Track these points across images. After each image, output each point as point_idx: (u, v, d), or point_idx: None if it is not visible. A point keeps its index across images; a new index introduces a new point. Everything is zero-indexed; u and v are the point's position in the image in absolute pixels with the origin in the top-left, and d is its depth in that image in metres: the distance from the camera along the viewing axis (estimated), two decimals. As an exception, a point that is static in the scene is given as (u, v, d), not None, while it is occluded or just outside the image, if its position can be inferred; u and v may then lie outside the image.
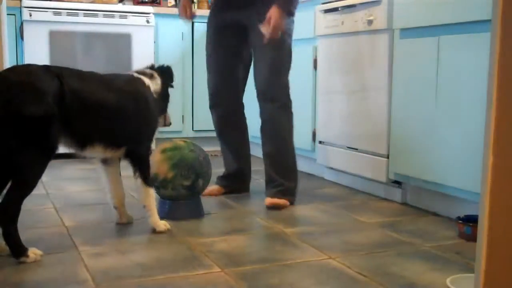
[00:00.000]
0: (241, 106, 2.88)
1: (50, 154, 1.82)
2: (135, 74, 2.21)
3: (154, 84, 2.23)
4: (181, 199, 2.35)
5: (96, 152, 2.06)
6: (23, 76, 1.78)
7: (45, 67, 1.88)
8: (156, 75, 2.27)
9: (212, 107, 2.87)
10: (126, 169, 3.55)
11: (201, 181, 2.35)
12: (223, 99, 2.83)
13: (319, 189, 3.03)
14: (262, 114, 2.69)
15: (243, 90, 2.89)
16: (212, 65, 2.81)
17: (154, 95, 2.21)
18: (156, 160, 2.32)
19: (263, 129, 2.71)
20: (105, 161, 2.21)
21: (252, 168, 3.02)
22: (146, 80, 2.20)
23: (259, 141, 2.79)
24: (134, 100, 2.10)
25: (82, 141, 1.98)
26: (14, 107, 1.72)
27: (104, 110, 1.99)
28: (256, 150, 3.59)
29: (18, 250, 1.80)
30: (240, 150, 2.90)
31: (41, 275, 1.71)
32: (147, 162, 2.18)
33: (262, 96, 2.65)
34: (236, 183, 2.89)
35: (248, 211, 2.54)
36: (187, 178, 2.29)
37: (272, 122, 2.66)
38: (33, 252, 1.82)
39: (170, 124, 2.43)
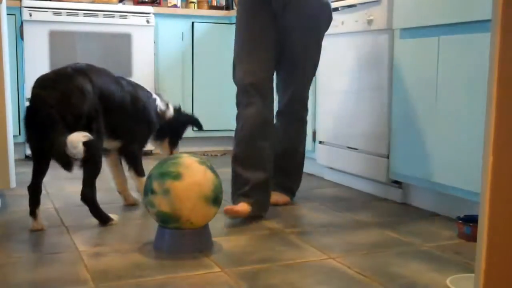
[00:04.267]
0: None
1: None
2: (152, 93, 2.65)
3: (163, 106, 2.65)
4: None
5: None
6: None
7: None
8: (170, 106, 2.70)
9: (247, 105, 2.41)
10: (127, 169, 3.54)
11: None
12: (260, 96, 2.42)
13: (319, 189, 3.03)
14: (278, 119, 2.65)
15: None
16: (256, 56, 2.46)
17: (159, 112, 2.61)
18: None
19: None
20: (107, 154, 2.53)
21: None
22: (156, 97, 2.64)
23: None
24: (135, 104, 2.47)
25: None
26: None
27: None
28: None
29: (106, 219, 2.26)
30: (269, 158, 2.44)
31: (41, 275, 1.71)
32: (138, 158, 2.55)
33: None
34: (263, 195, 2.41)
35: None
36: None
37: (283, 129, 2.67)
38: (114, 216, 2.31)
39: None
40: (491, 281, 1.04)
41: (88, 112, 2.14)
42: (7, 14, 3.26)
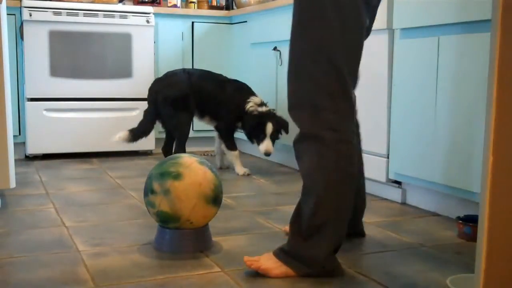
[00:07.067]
0: None
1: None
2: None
3: (256, 105, 3.27)
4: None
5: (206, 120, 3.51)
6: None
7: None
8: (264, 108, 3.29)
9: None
10: (127, 169, 3.55)
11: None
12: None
13: (319, 189, 3.03)
14: None
15: None
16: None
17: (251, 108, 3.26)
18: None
19: None
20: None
21: (256, 168, 2.99)
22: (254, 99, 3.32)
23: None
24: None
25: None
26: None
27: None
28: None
29: None
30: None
31: (41, 275, 1.71)
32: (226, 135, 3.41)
33: None
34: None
35: (248, 211, 2.54)
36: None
37: None
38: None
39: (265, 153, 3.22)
40: (491, 281, 1.04)
41: None
42: (7, 14, 3.26)
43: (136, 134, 3.39)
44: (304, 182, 1.71)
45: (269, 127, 3.18)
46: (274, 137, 3.23)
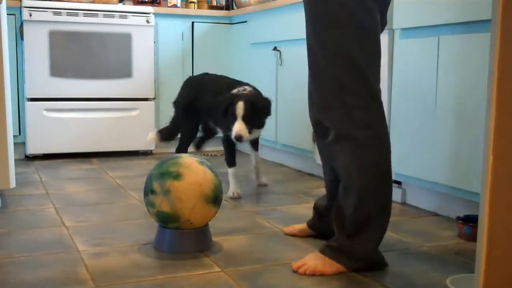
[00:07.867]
0: None
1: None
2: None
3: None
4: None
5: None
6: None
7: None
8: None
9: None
10: (127, 169, 3.55)
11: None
12: None
13: (319, 189, 3.03)
14: None
15: None
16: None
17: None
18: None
19: None
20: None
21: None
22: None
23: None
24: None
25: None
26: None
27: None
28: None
29: None
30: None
31: (41, 275, 1.71)
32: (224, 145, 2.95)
33: None
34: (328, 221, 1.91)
35: (248, 211, 2.54)
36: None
37: None
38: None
39: (235, 137, 2.64)
40: (491, 281, 1.04)
41: None
42: (7, 14, 3.26)
43: (167, 133, 3.36)
44: (343, 181, 1.78)
45: (239, 107, 2.62)
46: (249, 120, 2.64)
